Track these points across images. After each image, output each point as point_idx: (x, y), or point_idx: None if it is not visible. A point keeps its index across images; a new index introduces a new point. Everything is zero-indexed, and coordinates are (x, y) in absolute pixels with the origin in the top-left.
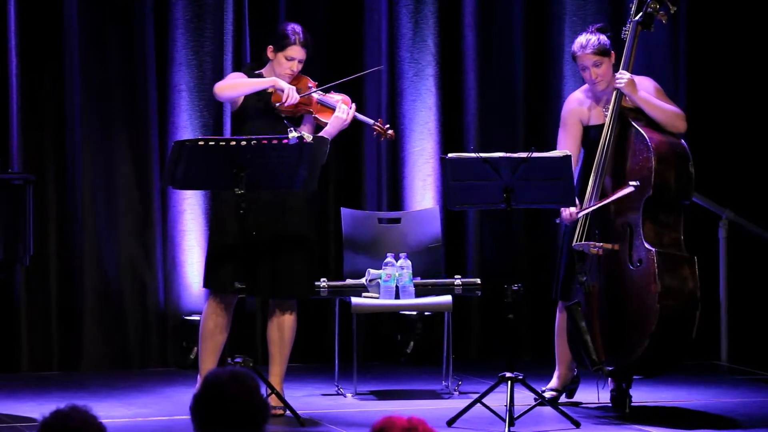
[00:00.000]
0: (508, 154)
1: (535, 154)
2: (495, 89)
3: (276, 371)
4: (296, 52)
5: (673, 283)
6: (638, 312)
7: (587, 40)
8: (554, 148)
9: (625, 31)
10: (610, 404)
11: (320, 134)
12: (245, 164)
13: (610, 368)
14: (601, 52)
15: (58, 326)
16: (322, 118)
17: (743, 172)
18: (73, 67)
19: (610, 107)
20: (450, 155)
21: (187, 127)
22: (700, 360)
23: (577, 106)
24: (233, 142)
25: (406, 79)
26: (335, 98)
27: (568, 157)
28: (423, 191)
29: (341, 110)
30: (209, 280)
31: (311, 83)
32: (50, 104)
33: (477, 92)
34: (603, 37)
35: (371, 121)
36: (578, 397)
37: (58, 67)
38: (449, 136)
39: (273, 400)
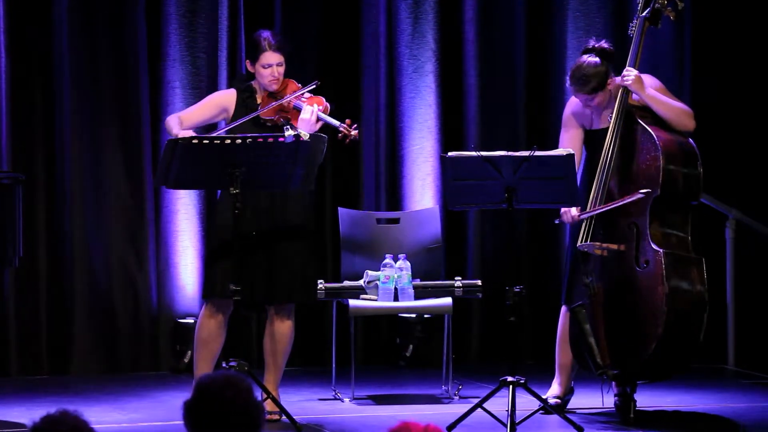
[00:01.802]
0: (510, 153)
1: (538, 153)
2: (496, 86)
3: (271, 378)
4: (270, 57)
5: (681, 285)
6: (645, 314)
7: (580, 76)
8: (557, 147)
9: (632, 27)
10: (614, 409)
11: None
12: (240, 163)
13: (615, 372)
14: (593, 90)
15: (48, 329)
16: (297, 124)
17: (751, 172)
18: (63, 63)
19: (616, 105)
20: (450, 154)
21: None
22: (707, 363)
23: (580, 109)
24: (228, 141)
25: (405, 75)
26: (305, 101)
27: (571, 156)
28: (422, 191)
29: (306, 111)
30: (205, 286)
31: (297, 87)
32: (40, 102)
33: (478, 89)
34: (598, 67)
35: (337, 123)
36: (582, 402)
37: (47, 64)
38: (449, 134)
39: (269, 405)
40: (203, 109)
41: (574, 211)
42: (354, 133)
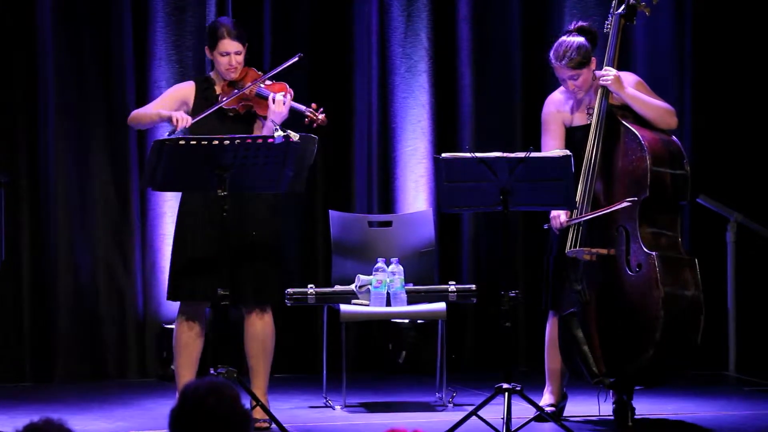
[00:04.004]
0: (506, 154)
1: (534, 154)
2: (491, 85)
3: (259, 384)
4: (228, 45)
5: (676, 287)
6: (641, 319)
7: (564, 50)
8: (540, 148)
9: (608, 25)
10: (611, 417)
11: (264, 126)
12: (228, 165)
13: (612, 380)
14: (579, 64)
15: (31, 335)
16: (261, 113)
17: (752, 174)
18: (46, 63)
19: (596, 106)
20: (444, 155)
21: (167, 126)
22: (707, 370)
23: (559, 108)
24: (215, 142)
25: (398, 75)
26: (270, 90)
27: (568, 157)
28: (416, 193)
29: (276, 103)
30: (175, 291)
31: (258, 75)
32: (23, 102)
33: (472, 89)
34: (583, 43)
35: (304, 108)
36: (579, 409)
37: (31, 64)
38: (443, 135)
39: (258, 413)
40: (164, 104)
41: (563, 216)
42: (321, 117)
